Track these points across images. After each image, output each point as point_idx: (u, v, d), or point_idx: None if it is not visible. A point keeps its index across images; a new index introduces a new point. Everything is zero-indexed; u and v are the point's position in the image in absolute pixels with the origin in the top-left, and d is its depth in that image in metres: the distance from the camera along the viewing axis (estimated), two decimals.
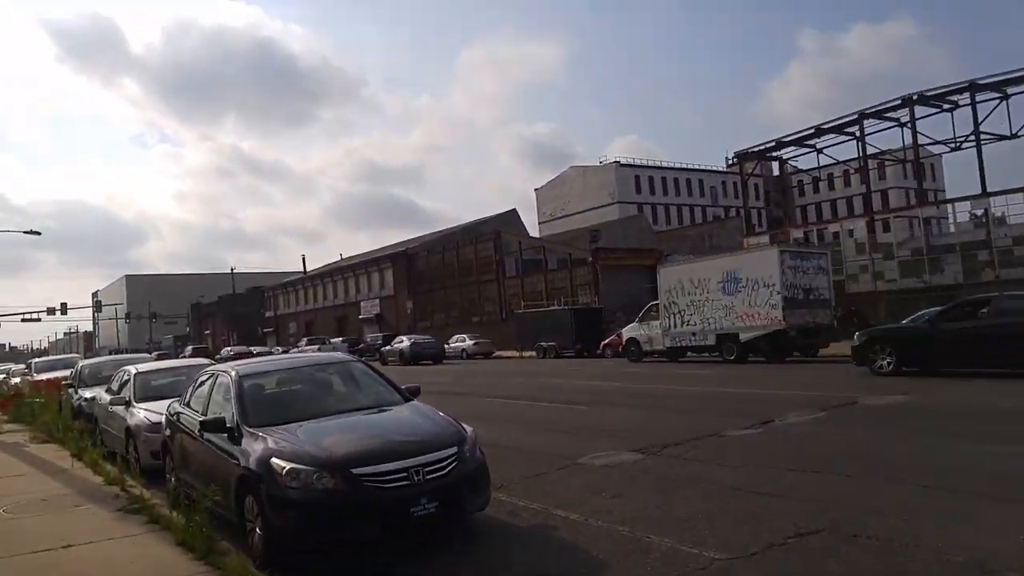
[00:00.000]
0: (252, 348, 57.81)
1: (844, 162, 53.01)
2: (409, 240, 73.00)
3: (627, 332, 28.37)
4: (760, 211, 77.95)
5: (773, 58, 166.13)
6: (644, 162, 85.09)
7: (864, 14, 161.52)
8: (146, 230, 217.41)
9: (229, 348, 60.12)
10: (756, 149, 50.94)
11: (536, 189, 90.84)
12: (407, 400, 6.81)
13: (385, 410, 6.52)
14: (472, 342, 41.22)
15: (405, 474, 5.37)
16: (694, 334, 24.43)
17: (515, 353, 39.02)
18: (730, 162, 77.93)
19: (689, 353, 24.85)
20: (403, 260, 60.53)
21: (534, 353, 36.55)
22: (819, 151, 49.40)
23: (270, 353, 51.78)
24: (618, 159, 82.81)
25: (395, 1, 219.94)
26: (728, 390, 15.38)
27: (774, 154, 52.48)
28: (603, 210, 76.64)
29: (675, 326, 25.15)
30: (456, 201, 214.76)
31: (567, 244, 51.49)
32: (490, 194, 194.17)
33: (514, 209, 70.79)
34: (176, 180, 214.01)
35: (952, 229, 35.41)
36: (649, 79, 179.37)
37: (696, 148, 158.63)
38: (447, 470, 5.57)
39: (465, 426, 6.22)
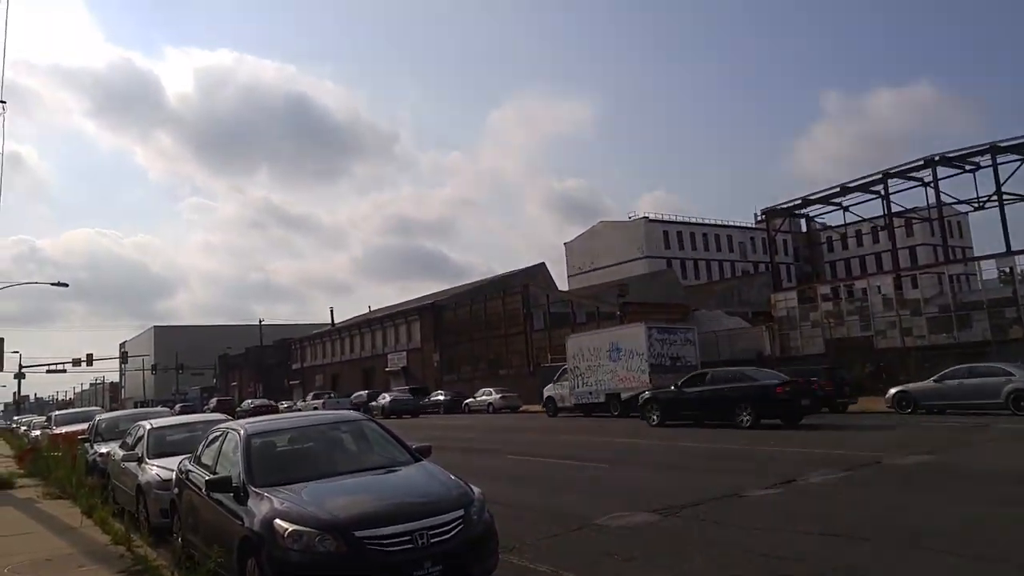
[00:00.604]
0: (281, 402, 58.02)
1: (870, 219, 52.59)
2: (438, 292, 73.41)
3: (546, 391, 33.07)
4: (789, 267, 77.24)
5: (799, 118, 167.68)
6: (673, 217, 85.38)
7: (886, 78, 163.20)
8: (175, 282, 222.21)
9: (250, 401, 60.36)
10: (783, 206, 50.85)
11: (566, 243, 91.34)
12: (416, 460, 6.68)
13: (393, 471, 6.38)
14: (498, 396, 40.82)
15: (409, 537, 5.24)
16: (591, 392, 29.17)
17: (541, 408, 38.53)
18: (758, 218, 77.79)
19: (595, 412, 27.75)
20: (431, 313, 60.73)
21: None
22: (845, 209, 49.19)
23: (293, 407, 52.40)
24: (647, 214, 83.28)
25: (427, 59, 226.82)
26: (760, 448, 14.88)
27: (801, 211, 52.27)
28: (632, 264, 76.67)
29: (578, 386, 29.96)
30: (486, 254, 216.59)
31: (595, 298, 51.32)
32: (519, 247, 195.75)
33: (542, 263, 71.13)
34: (206, 232, 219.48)
35: (980, 286, 34.74)
36: (678, 136, 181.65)
37: (724, 204, 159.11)
38: (452, 533, 5.43)
39: (473, 487, 6.07)
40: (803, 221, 58.67)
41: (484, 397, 41.47)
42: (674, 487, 10.55)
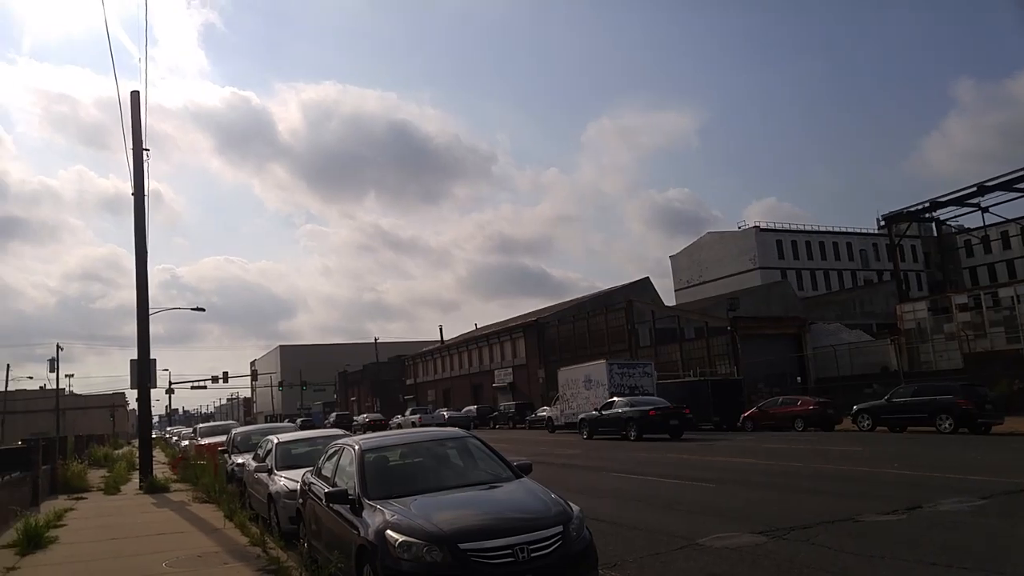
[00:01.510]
0: (395, 416, 60.57)
1: (1017, 220, 48.40)
2: (541, 309, 73.96)
3: (542, 412, 42.46)
4: (919, 274, 72.40)
5: (927, 111, 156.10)
6: (785, 226, 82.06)
7: None
8: (296, 303, 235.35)
9: (364, 415, 63.55)
10: (910, 210, 47.84)
11: (671, 256, 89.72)
12: (518, 477, 7.00)
13: (496, 486, 6.73)
14: None
15: (510, 551, 5.54)
16: (573, 415, 34.61)
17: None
18: (881, 224, 73.50)
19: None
20: (534, 329, 61.29)
21: None
22: (984, 210, 45.60)
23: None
24: (758, 223, 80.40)
25: (522, 78, 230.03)
26: (884, 470, 14.24)
27: (929, 215, 49.01)
28: (743, 276, 74.27)
29: (564, 410, 36.84)
30: (586, 270, 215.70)
31: (704, 312, 50.16)
32: (621, 262, 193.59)
33: (647, 277, 70.25)
34: (322, 256, 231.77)
35: None
36: (787, 140, 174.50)
37: (841, 210, 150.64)
38: (552, 548, 5.68)
39: (572, 505, 6.31)
40: (933, 225, 55.04)
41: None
42: (778, 508, 10.35)
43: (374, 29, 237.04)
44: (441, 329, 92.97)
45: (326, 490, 7.03)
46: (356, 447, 7.31)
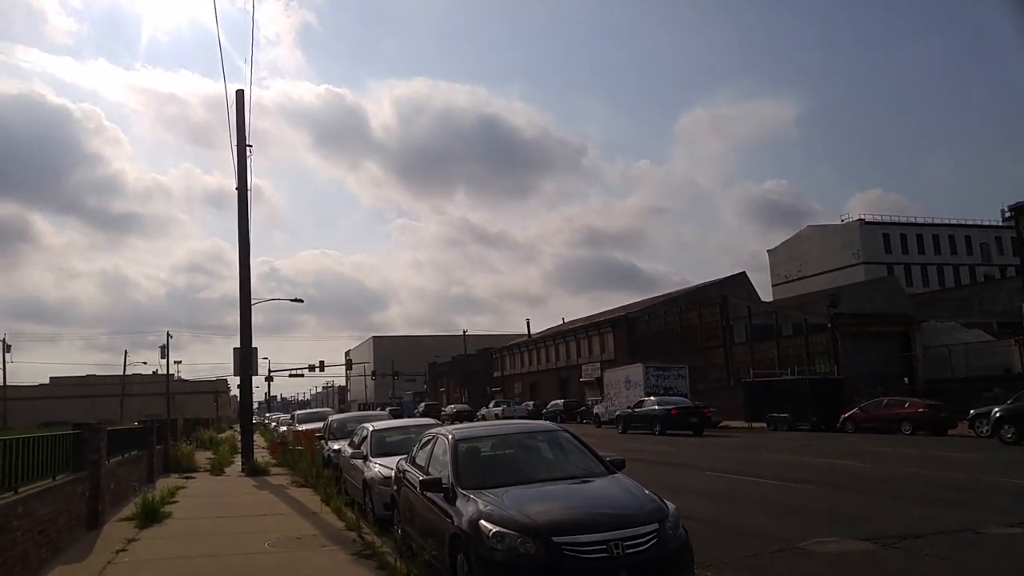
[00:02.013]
0: (482, 408, 61.66)
1: None
2: (630, 304, 73.01)
3: (595, 408, 44.88)
4: None
5: None
6: (893, 218, 77.62)
7: None
8: (388, 295, 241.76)
9: (452, 406, 65.35)
10: None
11: (769, 250, 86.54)
12: (611, 472, 6.87)
13: (588, 481, 6.62)
14: None
15: (605, 547, 5.44)
16: (614, 411, 38.11)
17: (743, 424, 37.05)
18: (1006, 215, 68.34)
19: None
20: (623, 324, 60.55)
21: (764, 425, 34.43)
22: None
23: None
24: (863, 216, 76.39)
25: (612, 69, 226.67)
26: (1008, 479, 13.24)
27: None
28: (846, 271, 70.75)
29: (608, 407, 41.79)
30: (678, 264, 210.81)
31: (803, 308, 48.20)
32: (714, 256, 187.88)
33: (743, 272, 68.04)
34: (412, 250, 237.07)
35: None
36: (897, 128, 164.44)
37: (959, 202, 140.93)
38: (647, 546, 5.55)
39: (668, 503, 6.15)
40: None
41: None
42: (887, 514, 9.79)
43: (464, 24, 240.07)
44: (528, 323, 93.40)
45: (420, 478, 7.11)
46: (449, 437, 7.36)
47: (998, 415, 21.89)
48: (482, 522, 5.72)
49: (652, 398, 34.00)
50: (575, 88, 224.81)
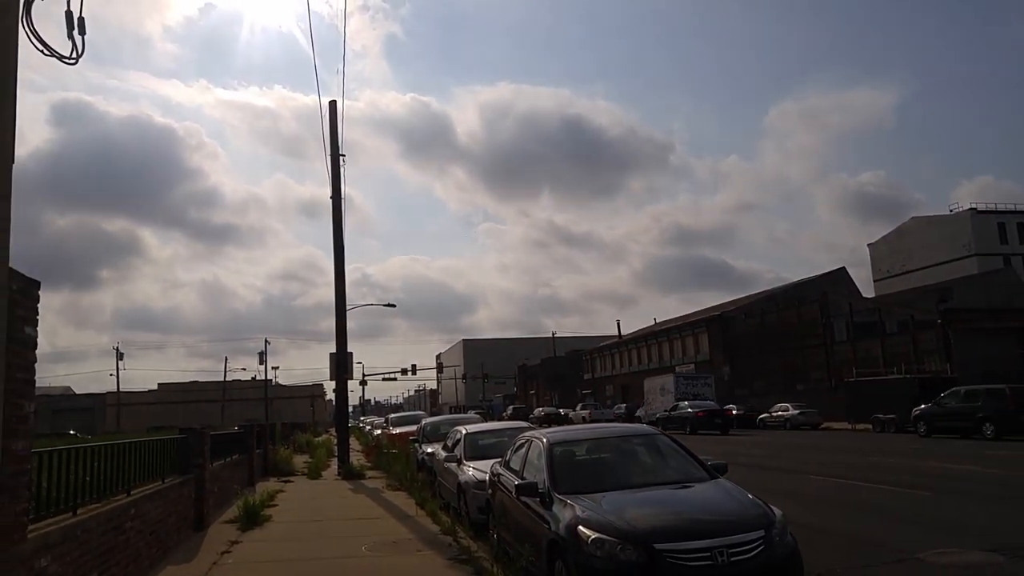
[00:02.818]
0: (570, 410, 61.43)
1: None
2: (724, 304, 71.02)
3: (637, 412, 50.39)
4: None
5: None
6: (1009, 207, 72.16)
7: None
8: (476, 299, 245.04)
9: (540, 409, 65.53)
10: None
11: (869, 244, 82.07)
12: (712, 477, 6.63)
13: (689, 486, 6.41)
14: (796, 411, 39.18)
15: (708, 554, 5.25)
16: (653, 414, 42.99)
17: (846, 425, 35.35)
18: None
19: (668, 425, 35.44)
20: (718, 324, 59.00)
21: (869, 426, 32.69)
22: None
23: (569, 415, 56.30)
24: (974, 205, 71.42)
25: (697, 63, 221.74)
26: None
27: None
28: (956, 264, 66.30)
29: (648, 411, 47.38)
30: (773, 261, 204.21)
31: (909, 305, 45.60)
32: (810, 252, 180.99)
33: (843, 268, 65.21)
34: (499, 254, 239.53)
35: None
36: (1006, 110, 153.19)
37: None
38: (753, 553, 5.32)
39: (774, 508, 5.87)
40: None
41: (780, 412, 40.08)
42: (1015, 524, 9.03)
43: (545, 27, 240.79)
44: (619, 324, 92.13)
45: (515, 482, 7.06)
46: (544, 440, 7.28)
47: None
48: (580, 528, 5.61)
49: (685, 403, 39.41)
50: (659, 85, 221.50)
